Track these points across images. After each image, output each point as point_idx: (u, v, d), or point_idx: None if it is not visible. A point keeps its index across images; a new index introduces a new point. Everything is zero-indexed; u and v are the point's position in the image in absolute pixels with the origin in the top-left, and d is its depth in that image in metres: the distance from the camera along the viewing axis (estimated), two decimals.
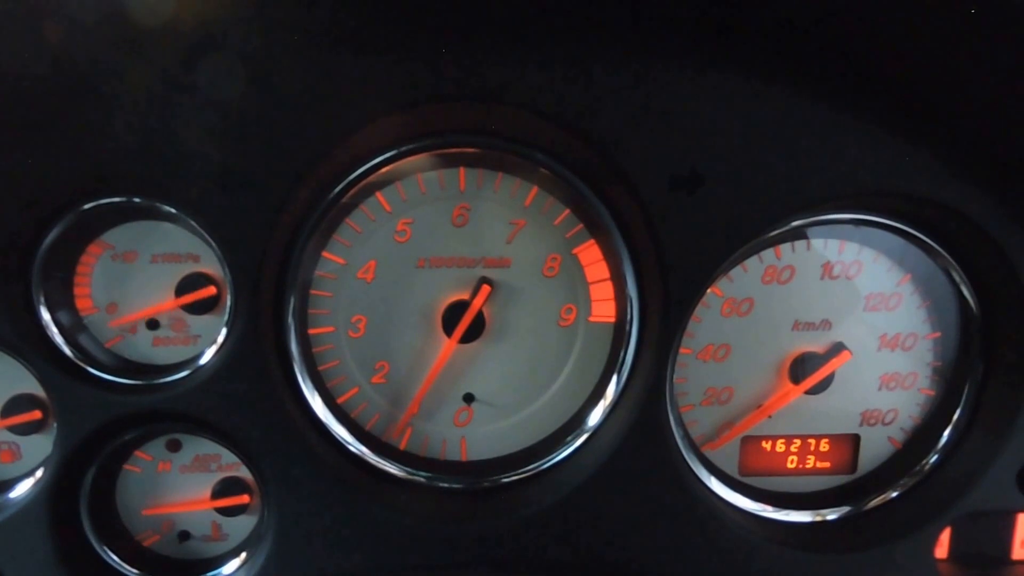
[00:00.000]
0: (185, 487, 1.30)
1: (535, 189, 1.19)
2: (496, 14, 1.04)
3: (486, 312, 1.22)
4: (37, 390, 1.22)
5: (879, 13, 0.97)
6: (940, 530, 1.27)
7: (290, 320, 1.19)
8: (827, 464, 1.33)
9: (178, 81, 1.02)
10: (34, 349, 1.16)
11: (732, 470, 1.34)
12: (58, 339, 1.18)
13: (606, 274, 1.22)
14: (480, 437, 1.29)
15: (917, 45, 1.00)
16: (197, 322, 1.23)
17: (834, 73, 1.07)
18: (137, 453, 1.28)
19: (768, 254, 1.23)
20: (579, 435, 1.25)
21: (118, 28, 0.93)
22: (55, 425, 1.18)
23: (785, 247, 1.23)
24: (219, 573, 1.29)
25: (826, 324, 1.26)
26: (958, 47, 0.97)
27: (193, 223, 1.13)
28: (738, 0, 0.99)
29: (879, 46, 1.03)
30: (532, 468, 1.26)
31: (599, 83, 1.06)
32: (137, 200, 1.15)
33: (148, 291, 1.22)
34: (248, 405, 1.15)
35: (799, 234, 1.23)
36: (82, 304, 1.22)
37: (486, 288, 1.20)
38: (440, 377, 1.25)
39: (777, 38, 1.04)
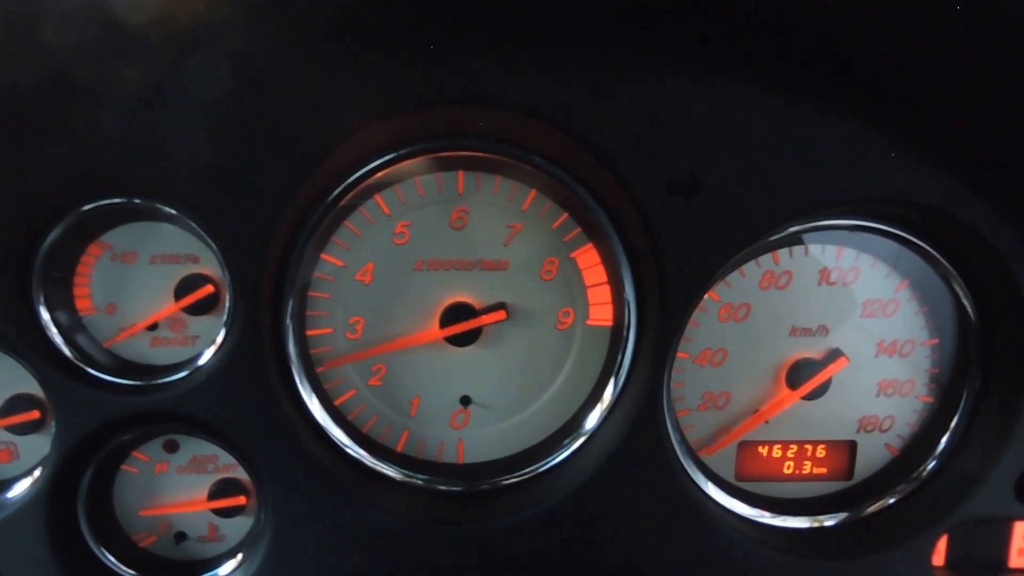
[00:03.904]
0: (182, 488, 1.30)
1: (533, 192, 1.19)
2: (495, 18, 1.04)
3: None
4: (36, 390, 1.23)
5: (876, 20, 0.97)
6: (937, 537, 1.26)
7: (288, 322, 1.19)
8: (824, 470, 1.33)
9: (176, 83, 1.03)
10: (33, 349, 1.17)
11: (729, 475, 1.34)
12: (57, 339, 1.19)
13: (604, 278, 1.22)
14: (477, 440, 1.29)
15: (916, 52, 1.01)
16: (196, 323, 1.24)
17: (833, 80, 1.07)
18: (135, 454, 1.29)
19: (766, 259, 1.24)
20: (576, 438, 1.25)
21: (113, 30, 0.94)
22: (53, 425, 1.18)
23: (783, 252, 1.23)
24: (215, 574, 1.29)
25: (823, 330, 1.26)
26: (956, 54, 0.97)
27: (193, 224, 1.13)
28: (737, 6, 0.99)
29: (877, 53, 1.03)
30: (529, 471, 1.26)
31: (598, 87, 1.07)
32: (137, 201, 1.15)
33: (147, 292, 1.22)
34: (246, 406, 1.15)
35: (797, 240, 1.23)
36: (81, 304, 1.23)
37: (502, 314, 1.20)
38: (437, 380, 1.25)
39: (776, 45, 1.05)
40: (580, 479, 1.20)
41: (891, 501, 1.31)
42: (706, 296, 1.23)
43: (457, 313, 1.21)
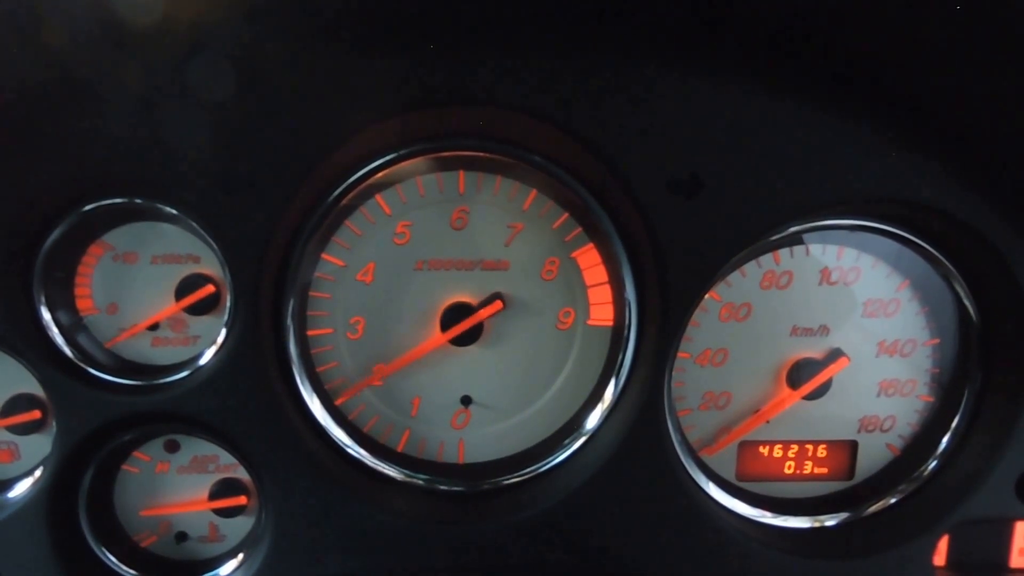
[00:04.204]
0: (183, 488, 1.30)
1: (534, 192, 1.19)
2: (496, 18, 1.04)
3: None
4: (37, 390, 1.23)
5: (877, 20, 0.97)
6: (938, 537, 1.26)
7: (289, 322, 1.19)
8: (825, 470, 1.33)
9: (177, 84, 1.03)
10: (34, 349, 1.17)
11: (729, 475, 1.33)
12: (58, 339, 1.19)
13: (604, 278, 1.22)
14: (478, 439, 1.29)
15: (916, 52, 1.01)
16: (196, 323, 1.24)
17: (833, 79, 1.07)
18: (135, 454, 1.29)
19: (767, 259, 1.24)
20: (577, 438, 1.25)
21: (116, 31, 0.94)
22: (54, 425, 1.18)
23: (784, 252, 1.23)
24: (216, 574, 1.29)
25: (824, 330, 1.26)
26: (957, 53, 0.97)
27: (193, 224, 1.14)
28: (738, 6, 0.99)
29: (878, 52, 1.03)
30: (530, 471, 1.26)
31: (598, 87, 1.07)
32: (138, 201, 1.15)
33: (148, 292, 1.22)
34: (246, 406, 1.15)
35: (797, 239, 1.23)
36: (83, 305, 1.23)
37: (498, 304, 1.20)
38: (437, 379, 1.25)
39: (776, 45, 1.05)
40: (581, 479, 1.20)
41: (892, 501, 1.31)
42: (707, 296, 1.23)
43: (457, 314, 1.21)
